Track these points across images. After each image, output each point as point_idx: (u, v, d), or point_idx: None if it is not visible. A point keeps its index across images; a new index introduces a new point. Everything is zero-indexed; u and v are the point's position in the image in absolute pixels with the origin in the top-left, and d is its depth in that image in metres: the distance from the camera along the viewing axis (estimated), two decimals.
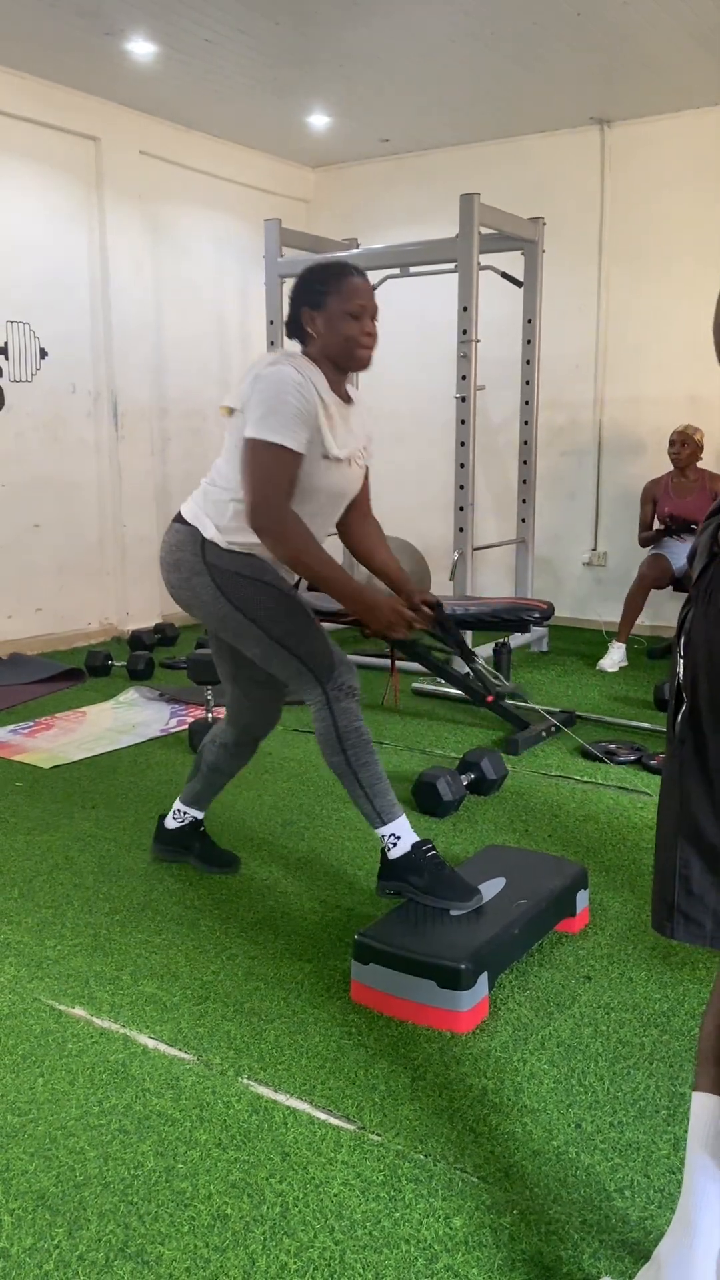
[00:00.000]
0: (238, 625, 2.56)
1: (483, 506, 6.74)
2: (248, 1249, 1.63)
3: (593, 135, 6.38)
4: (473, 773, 3.60)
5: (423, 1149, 1.85)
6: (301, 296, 2.55)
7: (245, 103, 6.03)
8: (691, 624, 1.30)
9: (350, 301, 2.50)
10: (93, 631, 6.47)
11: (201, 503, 2.63)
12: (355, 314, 2.50)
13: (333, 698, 2.51)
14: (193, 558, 2.59)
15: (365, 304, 2.52)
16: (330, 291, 2.51)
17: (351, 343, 2.52)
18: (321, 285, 2.52)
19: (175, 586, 2.66)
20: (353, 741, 2.51)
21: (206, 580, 2.57)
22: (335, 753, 2.52)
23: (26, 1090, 2.03)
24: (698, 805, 1.30)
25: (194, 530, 2.60)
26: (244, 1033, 2.21)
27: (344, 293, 2.50)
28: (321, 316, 2.52)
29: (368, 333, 2.53)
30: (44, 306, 5.95)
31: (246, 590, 2.54)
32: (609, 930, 2.67)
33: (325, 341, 2.53)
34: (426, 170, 6.95)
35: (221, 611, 2.57)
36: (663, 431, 6.21)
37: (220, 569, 2.56)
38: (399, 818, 2.54)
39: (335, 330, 2.51)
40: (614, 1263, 1.60)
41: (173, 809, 3.07)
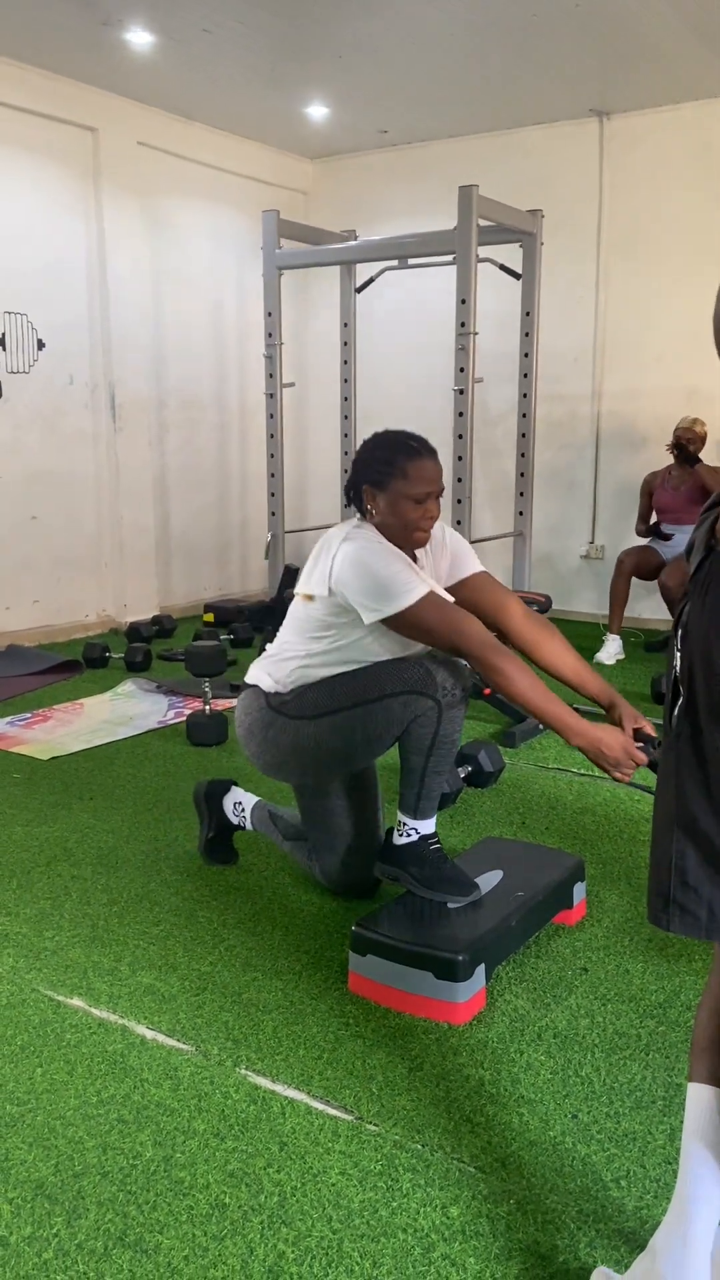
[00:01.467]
0: (332, 729, 2.50)
1: (480, 499, 6.75)
2: (246, 1238, 1.63)
3: (592, 127, 6.37)
4: (470, 765, 3.60)
5: (420, 1139, 1.86)
6: (364, 471, 2.47)
7: (243, 93, 6.02)
8: (689, 617, 1.30)
9: (416, 487, 2.41)
10: (90, 623, 6.47)
11: (264, 665, 2.64)
12: (419, 499, 2.42)
13: (445, 704, 2.43)
14: (259, 712, 2.59)
15: (432, 490, 2.43)
16: (395, 474, 2.42)
17: (410, 527, 2.44)
18: (388, 466, 2.43)
19: (259, 752, 2.62)
20: (441, 752, 2.47)
21: (279, 721, 2.55)
22: (419, 754, 2.46)
23: (25, 1080, 2.03)
24: (693, 797, 1.31)
25: (254, 689, 2.62)
26: (242, 1023, 2.22)
27: (410, 477, 2.41)
28: (383, 497, 2.44)
29: (429, 516, 2.45)
30: (41, 297, 5.94)
31: (313, 697, 2.52)
32: (606, 922, 2.68)
33: (384, 521, 2.46)
34: (425, 162, 6.94)
35: (310, 733, 2.52)
36: (661, 424, 6.21)
37: (288, 705, 2.55)
38: (429, 820, 2.53)
39: (396, 513, 2.43)
40: (610, 1252, 1.61)
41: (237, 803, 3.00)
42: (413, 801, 2.51)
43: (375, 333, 6.97)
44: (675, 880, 1.32)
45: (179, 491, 6.98)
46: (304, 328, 7.57)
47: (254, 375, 7.05)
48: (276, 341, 6.10)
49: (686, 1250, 1.38)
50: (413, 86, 5.86)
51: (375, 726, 2.46)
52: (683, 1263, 1.38)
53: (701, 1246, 1.38)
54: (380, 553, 2.38)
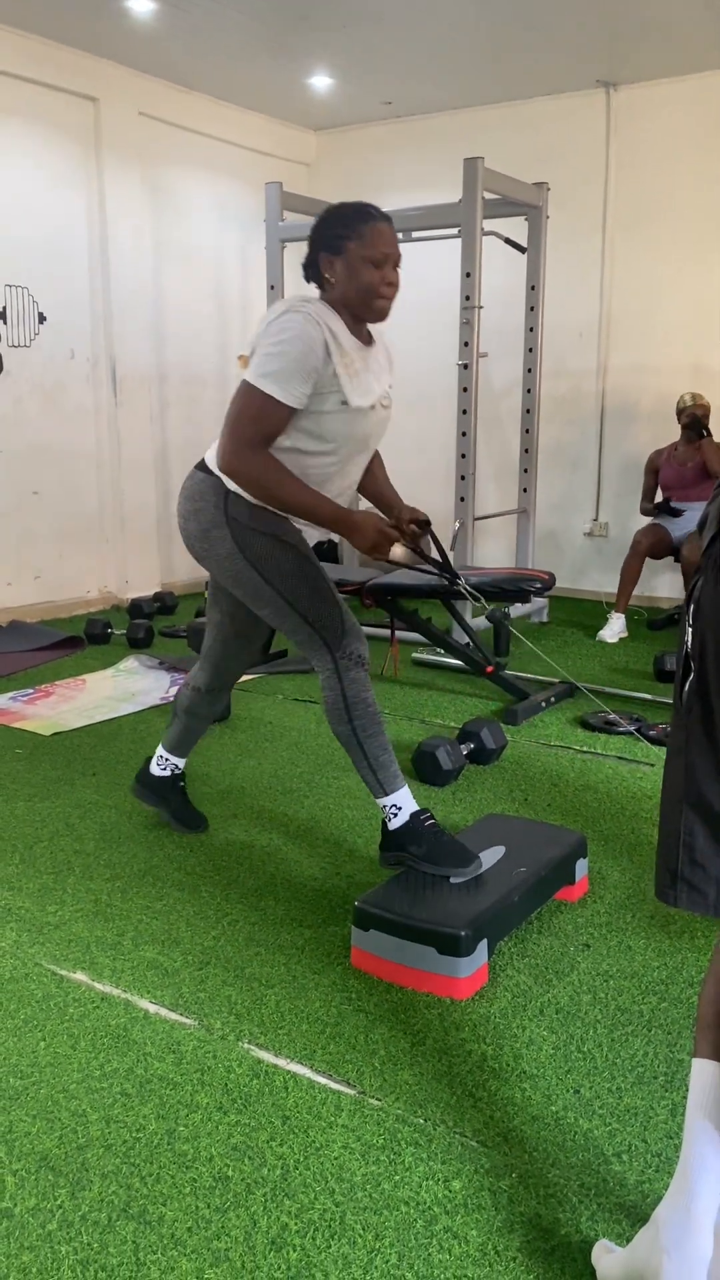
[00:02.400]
0: (253, 584, 2.51)
1: (484, 476, 6.71)
2: (249, 1210, 1.64)
3: (598, 98, 6.29)
4: (472, 742, 3.60)
5: (422, 1113, 1.87)
6: (320, 240, 2.43)
7: (246, 63, 5.94)
8: (701, 593, 1.29)
9: (372, 248, 2.37)
10: (92, 599, 6.46)
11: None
12: (377, 261, 2.38)
13: (342, 667, 2.49)
14: (213, 510, 2.52)
15: (388, 251, 2.39)
16: (351, 236, 2.38)
17: (370, 292, 2.40)
18: (342, 229, 2.39)
19: (192, 537, 2.58)
20: (360, 712, 2.49)
21: (225, 534, 2.51)
22: (342, 723, 2.50)
23: (29, 1054, 2.04)
24: (703, 774, 1.30)
25: (217, 480, 2.52)
26: (245, 998, 2.22)
27: (365, 238, 2.37)
28: (340, 262, 2.40)
29: (389, 282, 2.41)
30: (42, 270, 5.89)
31: (265, 549, 2.49)
32: (608, 898, 2.68)
33: (343, 289, 2.42)
34: (429, 134, 6.87)
35: (237, 568, 2.52)
36: (666, 400, 6.17)
37: (240, 524, 2.49)
38: (401, 789, 2.54)
39: (354, 278, 2.39)
40: (611, 1225, 1.62)
41: (156, 754, 3.08)
42: (371, 777, 2.54)
43: None
44: (684, 857, 1.32)
45: (181, 467, 6.94)
46: None
47: None
48: None
49: (689, 1224, 1.38)
50: (417, 57, 5.78)
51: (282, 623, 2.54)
52: (685, 1236, 1.38)
53: (705, 1220, 1.39)
54: (302, 335, 2.32)
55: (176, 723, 3.01)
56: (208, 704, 2.96)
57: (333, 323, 2.39)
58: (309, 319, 2.34)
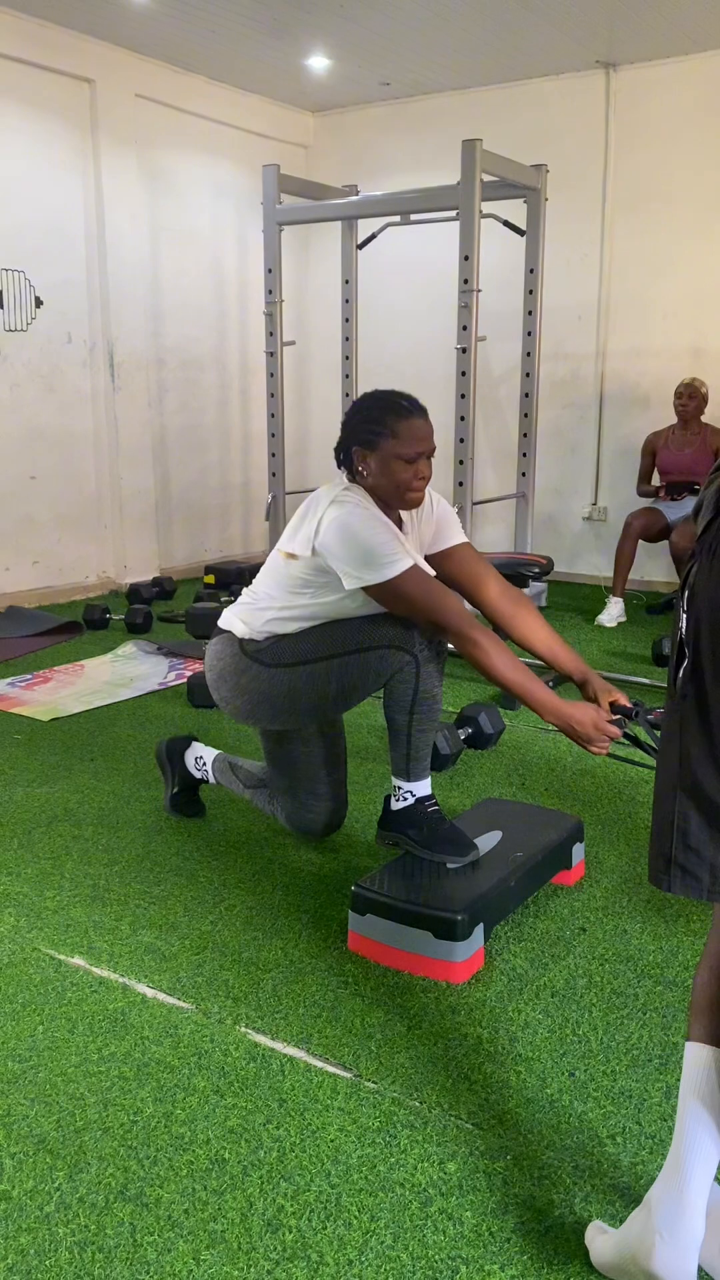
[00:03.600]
0: (307, 679, 2.48)
1: (482, 460, 6.70)
2: (245, 1192, 1.65)
3: (598, 79, 6.25)
4: (470, 727, 3.60)
5: (418, 1096, 1.88)
6: (353, 433, 2.43)
7: (243, 44, 5.90)
8: (695, 578, 1.29)
9: (407, 446, 2.38)
10: (90, 585, 6.46)
11: (238, 611, 2.61)
12: (410, 459, 2.39)
13: (421, 659, 2.42)
14: (233, 658, 2.56)
15: (424, 450, 2.40)
16: (385, 434, 2.38)
17: (403, 488, 2.41)
18: (377, 424, 2.39)
19: (231, 697, 2.59)
20: (424, 709, 2.46)
21: (253, 669, 2.53)
22: (402, 713, 2.46)
23: (27, 1038, 2.05)
24: (698, 760, 1.30)
25: (228, 634, 2.59)
26: (242, 982, 2.23)
27: (401, 437, 2.37)
28: (374, 458, 2.40)
29: (421, 476, 2.41)
30: (38, 253, 5.86)
31: (289, 646, 2.50)
32: (604, 883, 2.69)
33: (375, 483, 2.43)
34: (428, 115, 6.82)
35: (284, 681, 2.50)
36: (666, 384, 6.16)
37: (263, 652, 2.53)
38: (423, 780, 2.53)
39: (387, 474, 2.40)
40: (605, 1206, 1.63)
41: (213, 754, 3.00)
42: (403, 764, 2.51)
43: (377, 290, 6.88)
44: (678, 842, 1.32)
45: (179, 451, 6.94)
46: (305, 285, 7.49)
47: (254, 333, 6.99)
48: (277, 299, 6.02)
49: (682, 1205, 1.39)
50: (416, 37, 5.74)
51: (350, 678, 2.46)
52: (678, 1217, 1.39)
53: (697, 1202, 1.40)
54: (367, 520, 2.36)
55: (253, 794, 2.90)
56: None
57: (372, 507, 2.42)
58: (356, 504, 2.37)
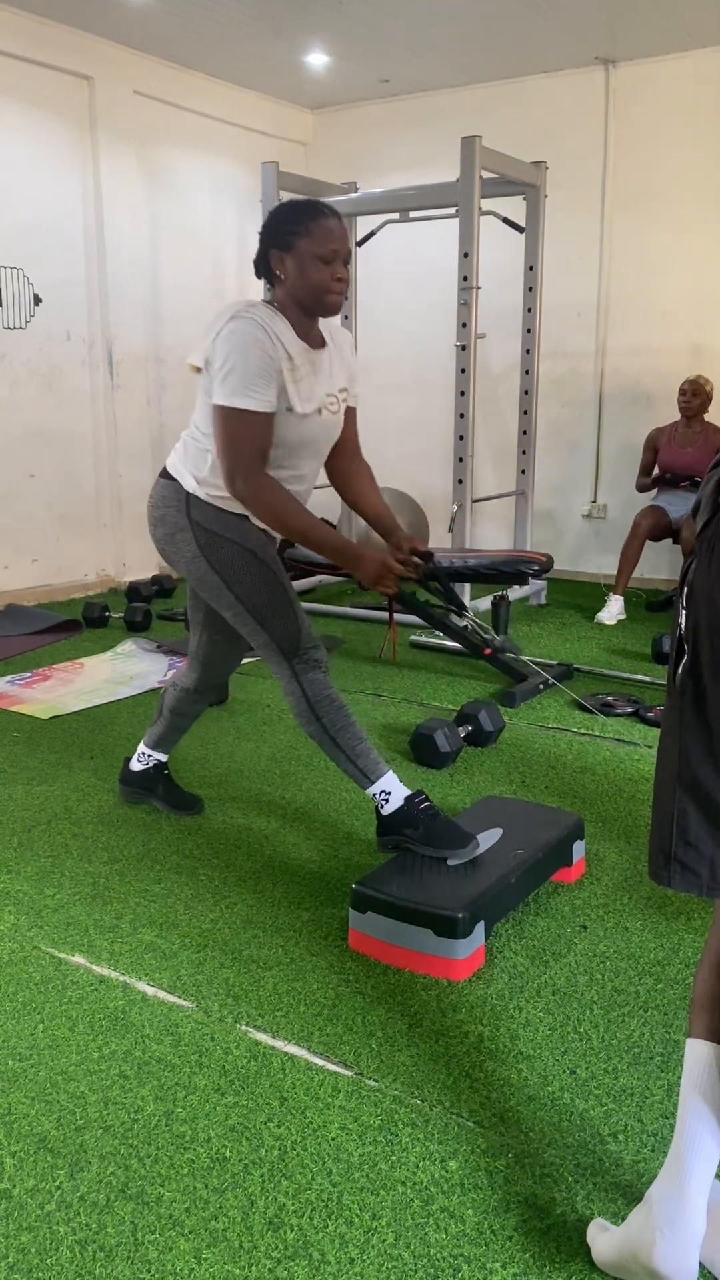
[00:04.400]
0: (215, 587, 2.57)
1: (482, 458, 6.70)
2: (246, 1190, 1.65)
3: (597, 76, 6.24)
4: (470, 725, 3.60)
5: (419, 1094, 1.88)
6: (270, 237, 2.46)
7: (242, 41, 5.89)
8: (694, 575, 1.29)
9: (322, 245, 2.39)
10: (90, 583, 6.45)
11: (183, 455, 2.61)
12: (326, 258, 2.40)
13: (299, 671, 2.54)
14: (176, 514, 2.58)
15: (337, 248, 2.41)
16: (300, 234, 2.40)
17: (320, 289, 2.42)
18: (291, 226, 2.41)
19: (160, 541, 2.66)
20: (326, 709, 2.54)
21: (189, 537, 2.57)
22: (311, 722, 2.55)
23: (27, 1036, 2.05)
24: (696, 756, 1.30)
25: (177, 485, 2.59)
26: (242, 980, 2.23)
27: (315, 235, 2.39)
28: (291, 259, 2.42)
29: (338, 278, 2.42)
30: (37, 251, 5.85)
31: (227, 553, 2.54)
32: (605, 880, 2.68)
33: (293, 286, 2.44)
34: (427, 112, 6.81)
35: (200, 570, 2.58)
36: (666, 381, 6.15)
37: (204, 528, 2.54)
38: (385, 774, 2.56)
39: (304, 275, 2.41)
40: (607, 1204, 1.63)
41: (137, 752, 3.10)
42: (352, 768, 2.57)
43: (376, 287, 6.88)
44: (677, 838, 1.32)
45: None
46: None
47: None
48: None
49: (683, 1202, 1.39)
50: (415, 34, 5.73)
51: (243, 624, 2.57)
52: (678, 1214, 1.39)
53: (697, 1198, 1.39)
54: (256, 344, 2.35)
55: (160, 721, 3.02)
56: (194, 703, 2.96)
57: (279, 326, 2.41)
58: (257, 324, 2.36)
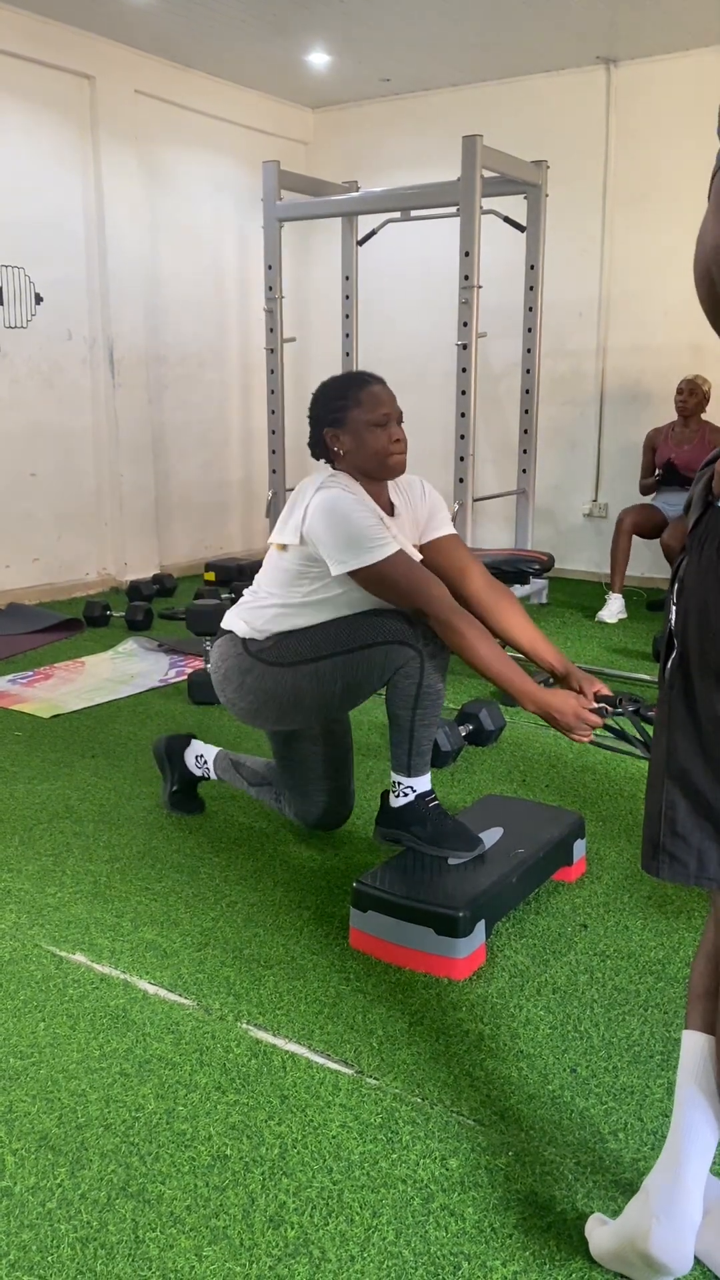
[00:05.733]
0: (312, 678, 2.49)
1: (483, 457, 6.70)
2: (247, 1188, 1.65)
3: (598, 75, 6.24)
4: (471, 724, 3.60)
5: (420, 1092, 1.88)
6: (320, 417, 2.49)
7: (243, 41, 5.89)
8: (686, 571, 1.31)
9: (374, 412, 2.43)
10: (91, 582, 6.46)
11: (239, 611, 2.61)
12: (380, 423, 2.43)
13: (426, 654, 2.42)
14: (236, 658, 2.57)
15: (389, 411, 2.45)
16: (350, 405, 2.44)
17: (382, 454, 2.45)
18: (340, 401, 2.46)
19: (236, 698, 2.60)
20: (427, 702, 2.45)
21: (258, 669, 2.53)
22: (405, 708, 2.45)
23: (28, 1034, 2.05)
24: (683, 748, 1.31)
25: (230, 634, 2.60)
26: (243, 978, 2.23)
27: (365, 404, 2.44)
28: (346, 434, 2.45)
29: (395, 439, 2.45)
30: (38, 250, 5.86)
31: (292, 645, 2.50)
32: (605, 879, 2.69)
33: (354, 459, 2.47)
34: (428, 112, 6.81)
35: (289, 681, 2.51)
36: (666, 381, 6.15)
37: (266, 651, 2.53)
38: (424, 775, 2.53)
39: (363, 445, 2.44)
40: (607, 1202, 1.63)
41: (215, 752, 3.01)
42: (405, 759, 2.51)
43: (377, 286, 6.88)
44: (665, 829, 1.34)
45: (179, 449, 6.93)
46: (305, 281, 7.48)
47: (254, 330, 6.98)
48: (277, 295, 6.02)
49: (679, 1190, 1.39)
50: (416, 33, 5.73)
51: (355, 675, 2.46)
52: (674, 1202, 1.39)
53: (693, 1186, 1.40)
54: (352, 503, 2.38)
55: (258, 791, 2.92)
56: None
57: (357, 490, 2.45)
58: (343, 489, 2.40)
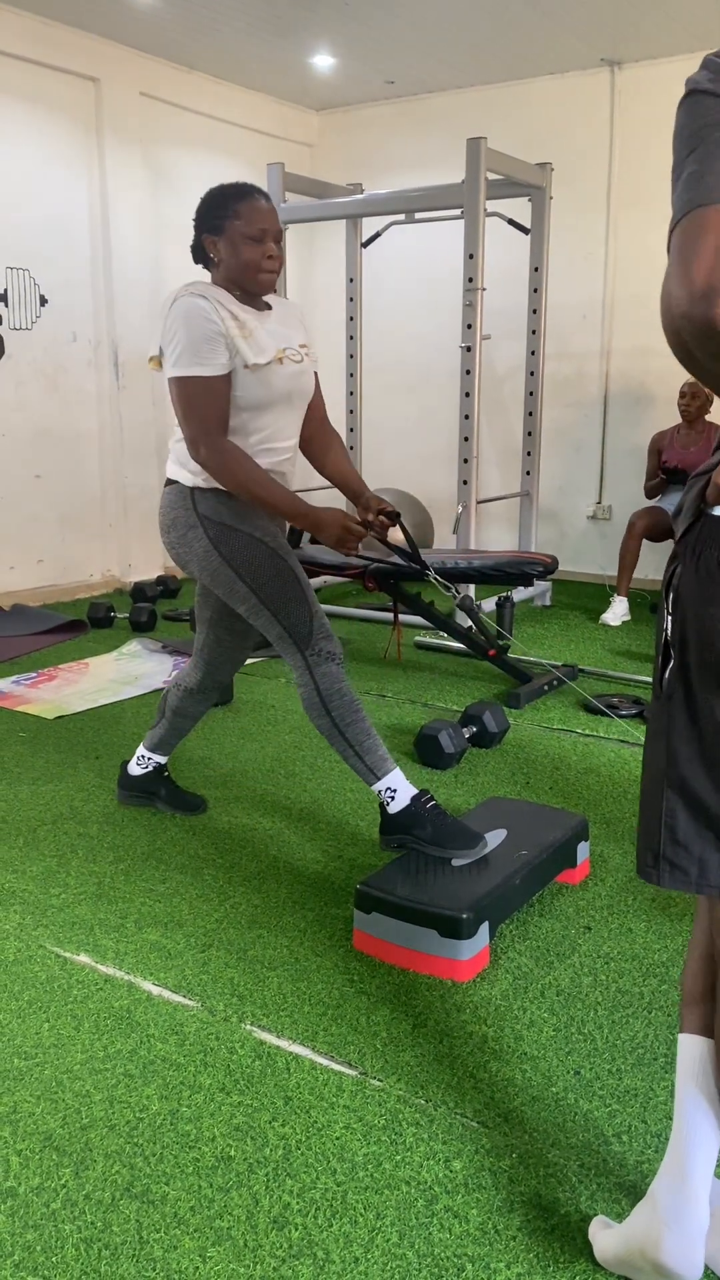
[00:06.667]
0: (228, 580, 2.57)
1: (487, 459, 6.70)
2: (251, 1189, 1.65)
3: (602, 77, 6.24)
4: (475, 726, 3.60)
5: (423, 1094, 1.88)
6: (202, 222, 2.52)
7: (248, 43, 5.90)
8: (680, 580, 1.30)
9: (251, 225, 2.45)
10: (95, 583, 6.46)
11: (175, 456, 2.63)
12: (256, 238, 2.46)
13: (312, 663, 2.53)
14: (184, 512, 2.59)
15: (267, 226, 2.47)
16: (230, 215, 2.46)
17: (252, 267, 2.48)
18: (221, 209, 2.48)
19: (173, 546, 2.66)
20: (337, 703, 2.53)
21: (200, 534, 2.57)
22: (321, 715, 2.54)
23: (32, 1035, 2.05)
24: (685, 758, 1.31)
25: (178, 485, 2.61)
26: (247, 980, 2.24)
27: (244, 216, 2.46)
28: (223, 241, 2.49)
29: (269, 255, 2.48)
30: (43, 252, 5.86)
31: (238, 544, 2.54)
32: (609, 881, 2.69)
33: (227, 267, 2.50)
34: (432, 114, 6.82)
35: (214, 565, 2.57)
36: (670, 383, 6.15)
37: (213, 521, 2.55)
38: (392, 770, 2.56)
39: (236, 255, 2.47)
40: (611, 1205, 1.63)
41: (135, 755, 3.09)
42: (359, 764, 2.56)
43: (381, 288, 6.89)
44: (665, 838, 1.34)
45: None
46: (309, 283, 7.49)
47: None
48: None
49: (686, 1196, 1.39)
50: (420, 35, 5.74)
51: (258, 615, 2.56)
52: (683, 1208, 1.39)
53: (700, 1191, 1.40)
54: (199, 313, 2.41)
55: (161, 724, 3.01)
56: (197, 704, 2.96)
57: (220, 295, 2.47)
58: (193, 295, 2.43)
